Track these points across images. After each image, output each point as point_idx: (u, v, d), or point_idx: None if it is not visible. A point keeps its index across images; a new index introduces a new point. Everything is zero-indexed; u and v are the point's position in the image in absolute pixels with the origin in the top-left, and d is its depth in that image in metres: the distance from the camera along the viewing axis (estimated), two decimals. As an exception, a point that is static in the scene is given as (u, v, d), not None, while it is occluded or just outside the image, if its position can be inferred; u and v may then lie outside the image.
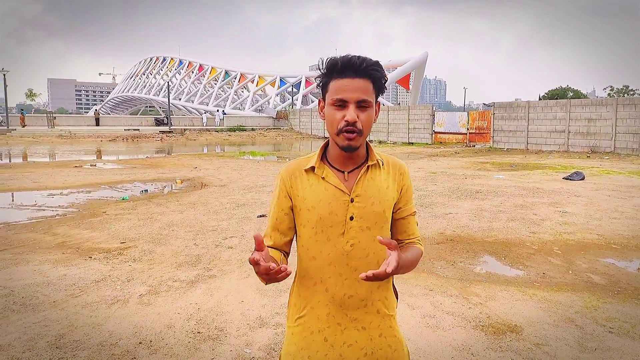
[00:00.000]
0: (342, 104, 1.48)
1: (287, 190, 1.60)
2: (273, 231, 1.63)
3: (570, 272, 5.17)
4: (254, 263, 1.28)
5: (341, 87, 1.48)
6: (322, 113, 1.59)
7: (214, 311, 4.10)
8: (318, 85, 1.57)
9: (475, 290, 4.61)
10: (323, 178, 1.56)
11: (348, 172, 1.57)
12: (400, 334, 1.65)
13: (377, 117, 1.58)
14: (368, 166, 1.58)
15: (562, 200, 9.36)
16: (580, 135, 21.95)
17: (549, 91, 68.85)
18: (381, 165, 1.61)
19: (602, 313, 4.07)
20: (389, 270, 1.33)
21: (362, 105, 1.49)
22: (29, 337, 3.60)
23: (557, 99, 38.77)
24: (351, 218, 1.54)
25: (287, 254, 1.67)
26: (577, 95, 63.43)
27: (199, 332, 3.70)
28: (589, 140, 21.57)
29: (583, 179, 12.22)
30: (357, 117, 1.48)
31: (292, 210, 1.61)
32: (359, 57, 1.49)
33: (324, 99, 1.56)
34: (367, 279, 1.34)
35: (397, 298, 1.71)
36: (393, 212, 1.65)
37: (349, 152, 1.53)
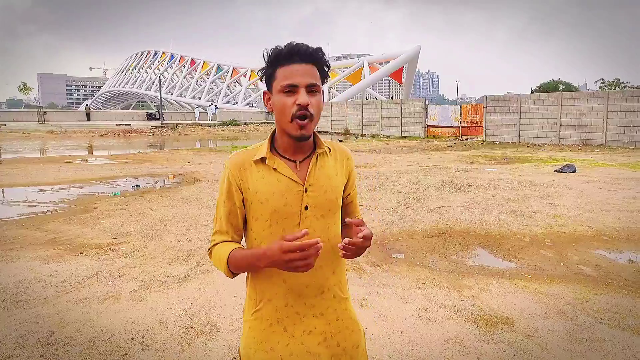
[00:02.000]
0: (292, 90, 1.48)
1: (237, 183, 1.57)
2: (228, 225, 1.59)
3: (561, 264, 5.20)
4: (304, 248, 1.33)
5: (291, 72, 1.48)
6: (268, 105, 1.57)
7: (207, 306, 4.09)
8: (262, 77, 1.57)
9: (467, 283, 4.63)
10: (275, 169, 1.54)
11: (299, 162, 1.57)
12: (355, 315, 1.69)
13: (323, 104, 1.58)
14: (317, 155, 1.59)
15: (553, 192, 9.41)
16: (571, 128, 22.07)
17: (541, 84, 69.12)
18: (329, 152, 1.62)
19: (593, 304, 4.11)
20: (365, 239, 1.44)
21: (312, 89, 1.49)
22: (20, 333, 3.58)
23: (549, 92, 38.93)
24: (306, 208, 1.54)
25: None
26: (569, 88, 63.72)
27: (191, 327, 3.69)
28: (581, 133, 21.68)
29: (574, 171, 12.30)
30: (309, 101, 1.48)
31: (243, 203, 1.58)
32: (303, 44, 1.51)
33: (270, 89, 1.55)
34: (345, 249, 1.43)
35: None
36: (343, 197, 1.68)
37: (301, 141, 1.53)
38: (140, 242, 6.09)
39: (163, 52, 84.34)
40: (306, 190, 1.54)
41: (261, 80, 1.59)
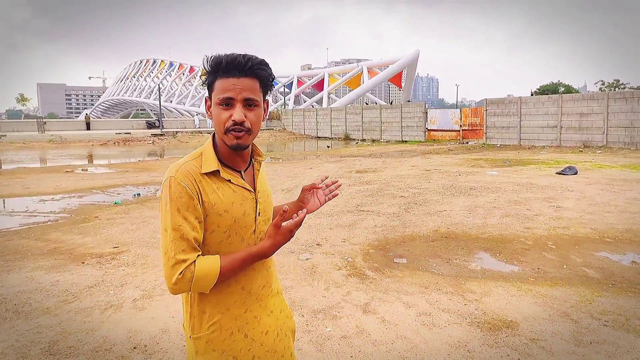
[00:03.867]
0: (228, 103, 1.48)
1: (197, 196, 1.46)
2: (193, 245, 1.45)
3: (564, 266, 5.18)
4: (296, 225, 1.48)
5: (227, 86, 1.47)
6: (209, 112, 1.56)
7: (209, 314, 4.07)
8: (203, 83, 1.56)
9: (470, 287, 4.61)
10: (229, 180, 1.53)
11: (244, 171, 1.61)
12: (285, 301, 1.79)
13: (266, 115, 1.59)
14: (259, 162, 1.65)
15: (555, 195, 9.40)
16: (572, 130, 22.07)
17: (540, 86, 69.24)
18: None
19: (597, 306, 4.09)
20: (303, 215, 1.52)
21: (249, 104, 1.49)
22: (22, 344, 3.56)
23: (548, 94, 38.98)
24: (259, 214, 1.60)
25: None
26: (569, 90, 63.82)
27: (194, 336, 3.67)
28: (581, 134, 21.68)
29: (576, 173, 12.29)
30: (245, 116, 1.48)
31: (200, 214, 1.48)
32: (244, 55, 1.48)
33: (210, 98, 1.54)
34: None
35: None
36: None
37: (238, 151, 1.54)
38: (141, 250, 6.08)
39: (162, 60, 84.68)
40: (257, 198, 1.60)
41: (202, 86, 1.59)
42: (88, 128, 44.17)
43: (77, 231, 7.22)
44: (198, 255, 1.46)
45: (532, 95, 54.23)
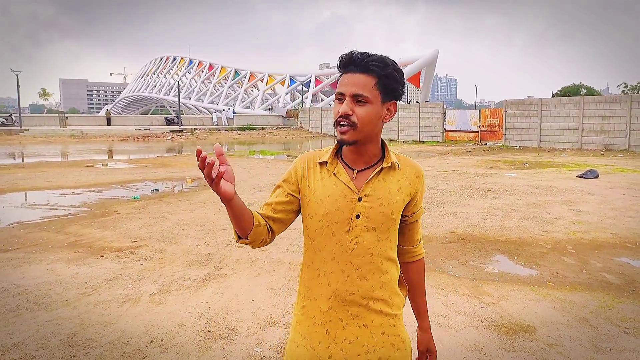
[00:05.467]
0: (340, 98, 1.51)
1: (297, 177, 1.62)
2: (267, 205, 1.63)
3: (584, 271, 5.10)
4: (200, 155, 1.33)
5: (342, 81, 1.51)
6: None
7: (225, 310, 4.10)
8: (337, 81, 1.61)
9: (487, 290, 4.57)
10: (334, 174, 1.57)
11: (358, 171, 1.57)
12: (405, 333, 1.63)
13: (390, 117, 1.56)
14: (382, 168, 1.56)
15: (575, 198, 9.25)
16: (593, 133, 21.70)
17: (562, 88, 68.18)
18: (397, 167, 1.58)
19: (617, 313, 4.01)
20: None
21: (358, 99, 1.48)
22: (42, 335, 3.63)
23: (570, 96, 38.35)
24: (357, 216, 1.54)
25: (271, 231, 1.62)
26: (591, 92, 62.73)
27: (209, 331, 3.70)
28: (603, 138, 21.32)
29: (597, 177, 12.08)
30: (353, 111, 1.48)
31: (295, 196, 1.62)
32: (362, 52, 1.50)
33: None
34: None
35: (405, 296, 1.72)
36: (404, 215, 1.65)
37: (345, 145, 1.55)
38: (159, 245, 6.15)
39: (182, 58, 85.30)
40: (360, 200, 1.54)
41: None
42: (109, 123, 44.74)
43: (97, 225, 7.33)
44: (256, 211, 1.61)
45: (552, 96, 53.39)
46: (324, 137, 38.83)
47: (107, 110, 58.08)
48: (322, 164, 1.60)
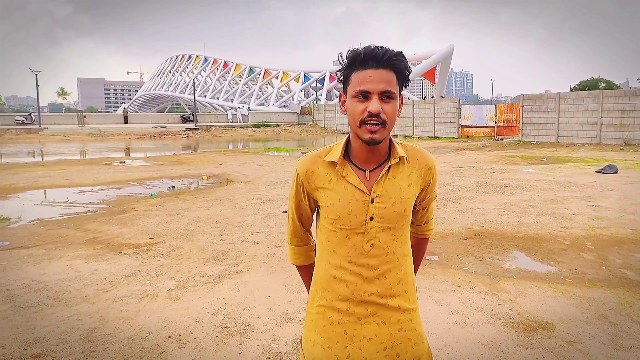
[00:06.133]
0: (365, 96, 1.44)
1: (304, 187, 1.60)
2: (296, 233, 1.73)
3: (603, 267, 5.03)
4: None
5: (364, 78, 1.44)
6: (343, 107, 1.55)
7: (241, 306, 4.13)
8: (339, 78, 1.54)
9: (504, 287, 4.53)
10: (343, 176, 1.53)
11: (369, 171, 1.53)
12: (421, 327, 1.63)
13: (400, 111, 1.53)
14: (390, 165, 1.54)
15: (594, 194, 9.11)
16: (613, 128, 21.33)
17: (580, 82, 67.12)
18: (405, 161, 1.56)
19: (637, 310, 3.95)
20: None
21: (386, 96, 1.45)
22: (62, 330, 3.69)
23: (588, 90, 37.74)
24: (371, 218, 1.52)
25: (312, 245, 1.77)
26: (610, 86, 61.63)
27: (226, 327, 3.73)
28: (623, 132, 20.94)
29: (616, 172, 11.87)
30: (381, 108, 1.43)
31: (307, 201, 1.63)
32: (381, 47, 1.45)
33: (345, 92, 1.52)
34: None
35: None
36: (416, 204, 1.66)
37: (372, 146, 1.49)
38: (176, 242, 6.21)
39: (197, 56, 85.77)
40: (372, 201, 1.51)
41: (339, 82, 1.57)
42: (126, 122, 45.25)
43: (115, 222, 7.43)
44: (301, 245, 1.76)
45: (571, 90, 52.62)
46: (338, 134, 38.78)
47: (124, 108, 58.76)
48: (330, 164, 1.55)
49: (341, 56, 1.50)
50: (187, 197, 9.63)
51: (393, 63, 1.45)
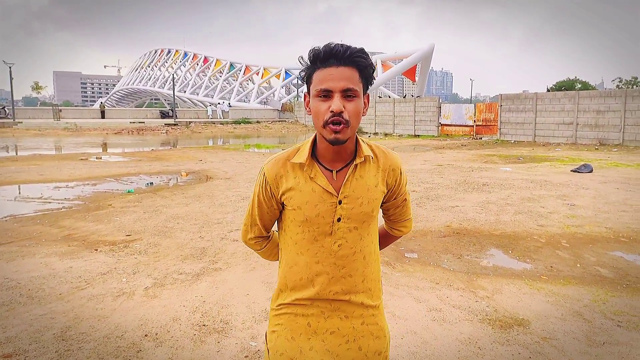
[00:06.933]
0: (327, 95, 1.42)
1: (271, 190, 1.57)
2: (254, 226, 1.69)
3: (578, 265, 5.12)
4: None
5: (325, 76, 1.42)
6: (308, 108, 1.52)
7: (220, 304, 4.09)
8: (302, 79, 1.52)
9: (482, 284, 4.58)
10: (311, 178, 1.51)
11: (336, 172, 1.52)
12: (384, 322, 1.66)
13: (366, 109, 1.50)
14: (356, 164, 1.52)
15: (570, 193, 9.29)
16: (588, 128, 21.78)
17: (557, 83, 68.23)
18: (371, 160, 1.55)
19: (611, 306, 4.03)
20: None
21: (348, 94, 1.42)
22: (35, 329, 3.61)
23: (565, 90, 38.43)
24: (338, 219, 1.52)
25: (267, 237, 1.76)
26: (586, 87, 62.81)
27: (204, 325, 3.69)
28: (598, 132, 21.39)
29: (591, 171, 12.13)
30: (344, 107, 1.41)
31: (275, 205, 1.60)
32: (342, 45, 1.43)
33: (308, 92, 1.50)
34: None
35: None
36: (384, 203, 1.66)
37: (337, 146, 1.47)
38: (153, 239, 6.13)
39: (176, 50, 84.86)
40: (340, 202, 1.51)
41: (302, 82, 1.56)
42: (103, 116, 44.46)
43: (91, 218, 7.29)
44: (251, 238, 1.73)
45: (548, 91, 53.51)
46: (319, 131, 38.72)
47: (102, 103, 57.74)
48: (297, 165, 1.53)
49: (302, 57, 1.49)
50: (165, 193, 9.51)
51: (355, 60, 1.42)
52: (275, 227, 1.73)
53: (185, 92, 74.33)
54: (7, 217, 7.46)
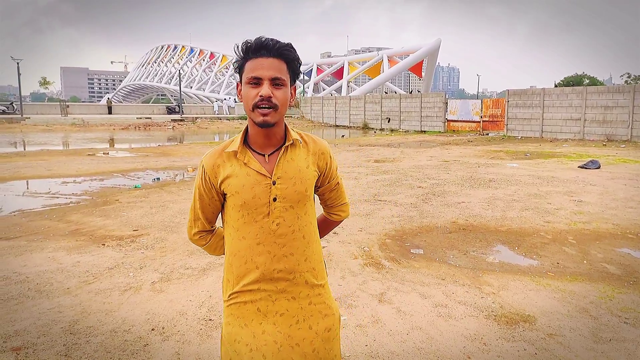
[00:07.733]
0: (256, 82, 1.55)
1: (210, 180, 1.67)
2: (197, 220, 1.77)
3: (585, 261, 5.10)
4: None
5: (256, 66, 1.55)
6: (240, 95, 1.64)
7: (226, 299, 4.11)
8: (235, 69, 1.64)
9: (487, 280, 4.58)
10: (245, 163, 1.62)
11: (268, 155, 1.63)
12: (331, 300, 1.74)
13: (293, 100, 1.64)
14: (287, 147, 1.64)
15: (577, 189, 9.24)
16: (596, 123, 21.61)
17: (564, 78, 67.83)
18: (300, 144, 1.67)
19: (617, 303, 4.02)
20: None
21: (276, 83, 1.55)
22: (44, 322, 3.65)
23: (573, 86, 38.17)
24: (274, 199, 1.61)
25: (211, 230, 1.83)
26: (594, 82, 62.39)
27: (210, 320, 3.71)
28: (605, 128, 21.23)
29: (599, 167, 12.05)
30: (272, 93, 1.54)
31: (215, 195, 1.69)
32: (272, 39, 1.57)
33: (241, 81, 1.62)
34: None
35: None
36: (318, 187, 1.77)
37: (267, 129, 1.59)
38: (160, 234, 6.16)
39: (183, 46, 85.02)
40: (275, 183, 1.61)
41: (235, 72, 1.66)
42: (110, 112, 44.67)
43: (98, 213, 7.34)
44: (195, 233, 1.79)
45: (555, 86, 53.17)
46: (325, 127, 38.73)
47: (108, 98, 57.99)
48: (232, 154, 1.64)
49: (237, 46, 1.60)
50: (172, 188, 9.55)
51: (283, 53, 1.56)
52: (220, 224, 1.82)
53: (191, 87, 74.48)
54: (15, 212, 7.53)
